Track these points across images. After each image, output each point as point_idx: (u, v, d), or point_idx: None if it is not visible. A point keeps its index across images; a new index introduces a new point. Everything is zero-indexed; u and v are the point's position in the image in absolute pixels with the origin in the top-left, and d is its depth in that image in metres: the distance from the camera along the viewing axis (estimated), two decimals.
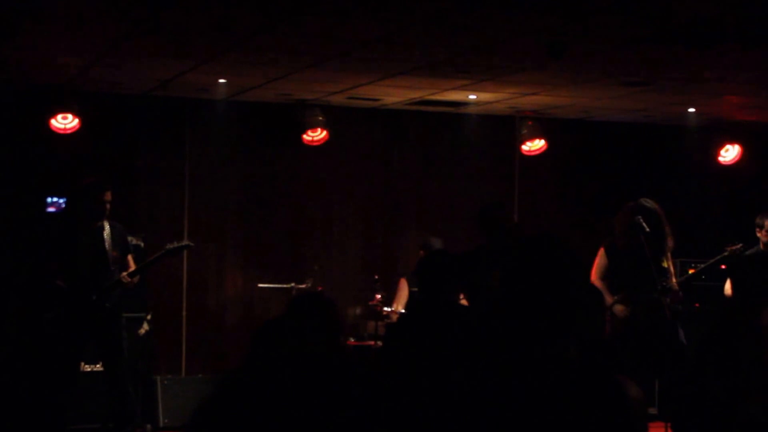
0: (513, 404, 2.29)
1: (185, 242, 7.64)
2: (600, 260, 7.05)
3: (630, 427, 2.30)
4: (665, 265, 6.90)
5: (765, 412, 3.89)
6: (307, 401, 3.02)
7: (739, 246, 7.11)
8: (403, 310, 7.98)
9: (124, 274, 7.21)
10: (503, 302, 2.44)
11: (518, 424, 2.27)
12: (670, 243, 6.99)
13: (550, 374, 2.30)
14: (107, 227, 7.19)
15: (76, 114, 8.31)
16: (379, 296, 8.39)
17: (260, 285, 8.85)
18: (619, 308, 6.79)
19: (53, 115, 8.28)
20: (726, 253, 7.09)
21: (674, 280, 7.04)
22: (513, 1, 5.30)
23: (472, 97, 8.75)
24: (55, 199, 8.44)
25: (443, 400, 3.78)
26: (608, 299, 6.78)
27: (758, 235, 7.88)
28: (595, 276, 6.98)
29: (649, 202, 6.95)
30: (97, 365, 7.61)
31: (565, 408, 2.25)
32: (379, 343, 7.70)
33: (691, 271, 7.62)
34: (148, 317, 8.05)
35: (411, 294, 8.21)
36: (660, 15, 5.56)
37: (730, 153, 10.14)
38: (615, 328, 6.79)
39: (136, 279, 7.26)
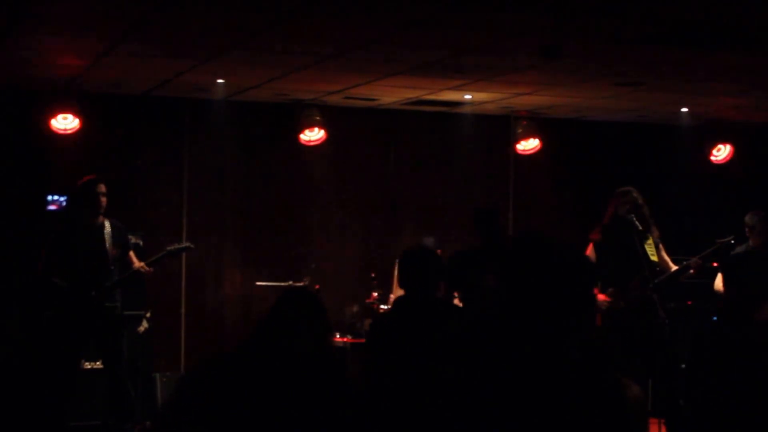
0: (513, 404, 2.30)
1: (186, 244, 7.67)
2: (589, 254, 7.09)
3: (630, 427, 2.32)
4: (655, 259, 6.96)
5: (758, 410, 3.96)
6: (290, 396, 3.09)
7: (729, 238, 7.17)
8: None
9: (142, 264, 7.27)
10: (502, 302, 2.44)
11: (519, 423, 2.29)
12: (656, 233, 7.07)
13: (551, 374, 2.31)
14: (108, 226, 7.24)
15: (76, 114, 8.37)
16: (375, 294, 8.47)
17: (258, 283, 8.91)
18: (608, 302, 6.84)
19: (54, 115, 8.34)
20: (716, 246, 7.15)
21: (673, 268, 7.11)
22: (507, 2, 5.36)
23: (468, 97, 8.82)
24: (55, 197, 8.51)
25: (437, 399, 3.83)
26: (596, 293, 6.83)
27: (747, 234, 7.95)
28: None
29: (635, 194, 7.01)
30: (97, 363, 7.63)
31: (566, 408, 2.27)
32: None
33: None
34: (148, 315, 8.10)
35: None
36: (653, 15, 5.63)
37: (722, 152, 10.23)
38: (604, 322, 6.84)
39: (151, 269, 7.33)
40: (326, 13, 5.65)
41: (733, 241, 7.19)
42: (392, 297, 8.31)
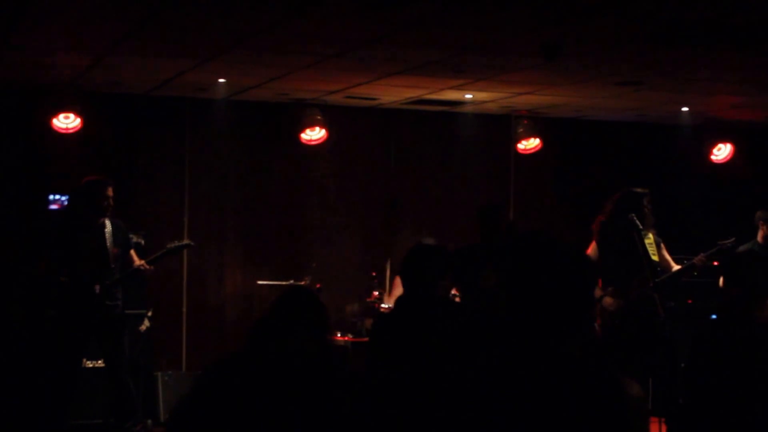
0: (514, 403, 2.30)
1: (186, 241, 7.70)
2: (591, 253, 7.11)
3: (630, 427, 2.33)
4: (656, 258, 6.97)
5: (758, 410, 3.96)
6: (291, 397, 3.10)
7: (731, 240, 7.19)
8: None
9: (142, 262, 7.29)
10: (503, 301, 2.44)
11: (519, 423, 2.29)
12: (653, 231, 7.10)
13: (551, 373, 2.31)
14: (109, 225, 7.25)
15: (77, 113, 8.38)
16: (376, 293, 8.48)
17: (259, 282, 8.93)
18: (608, 300, 6.86)
19: (55, 114, 8.35)
20: (718, 248, 7.16)
21: (674, 267, 7.13)
22: (508, 2, 5.37)
23: (469, 96, 8.83)
24: (57, 197, 8.52)
25: (435, 397, 3.85)
26: (597, 292, 6.84)
27: (761, 228, 7.98)
28: None
29: (639, 193, 7.03)
30: (99, 361, 7.65)
31: (566, 407, 2.26)
32: None
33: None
34: (149, 314, 8.11)
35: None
36: (653, 15, 5.64)
37: (722, 151, 10.24)
38: (604, 321, 6.86)
39: (152, 267, 7.36)
40: (326, 13, 5.65)
41: (734, 243, 7.19)
42: (386, 298, 8.31)
